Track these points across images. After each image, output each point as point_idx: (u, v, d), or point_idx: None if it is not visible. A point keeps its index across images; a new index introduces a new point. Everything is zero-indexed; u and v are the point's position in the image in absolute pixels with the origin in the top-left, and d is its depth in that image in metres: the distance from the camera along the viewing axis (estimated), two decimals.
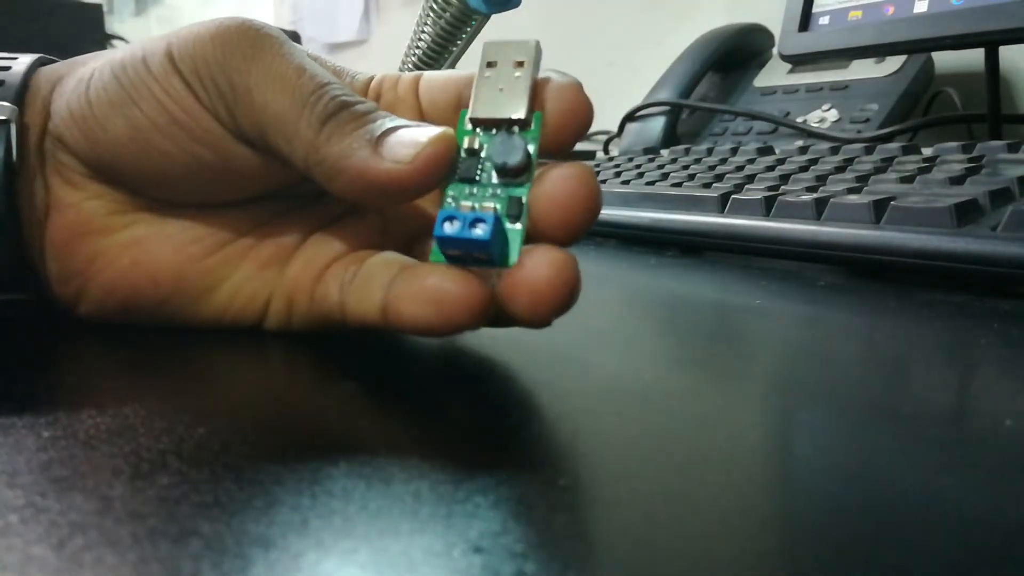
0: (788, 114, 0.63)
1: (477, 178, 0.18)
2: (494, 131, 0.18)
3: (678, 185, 0.46)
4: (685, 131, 0.71)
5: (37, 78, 0.22)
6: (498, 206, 0.18)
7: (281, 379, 0.20)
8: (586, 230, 0.18)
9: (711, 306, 0.30)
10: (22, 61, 0.23)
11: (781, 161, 0.45)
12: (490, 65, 0.19)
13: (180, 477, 0.13)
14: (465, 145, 0.19)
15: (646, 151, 0.61)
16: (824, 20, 0.54)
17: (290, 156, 0.19)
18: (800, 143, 0.49)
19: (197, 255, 0.22)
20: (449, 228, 0.17)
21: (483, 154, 0.18)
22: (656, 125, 0.70)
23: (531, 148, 0.18)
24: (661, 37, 0.84)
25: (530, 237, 0.18)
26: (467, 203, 0.18)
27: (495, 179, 0.18)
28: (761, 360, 0.22)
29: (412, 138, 0.18)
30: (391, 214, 0.23)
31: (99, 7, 1.09)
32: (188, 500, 0.12)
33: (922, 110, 0.60)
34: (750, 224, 0.38)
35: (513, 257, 0.17)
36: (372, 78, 0.22)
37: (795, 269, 0.35)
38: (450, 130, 0.18)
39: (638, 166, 0.54)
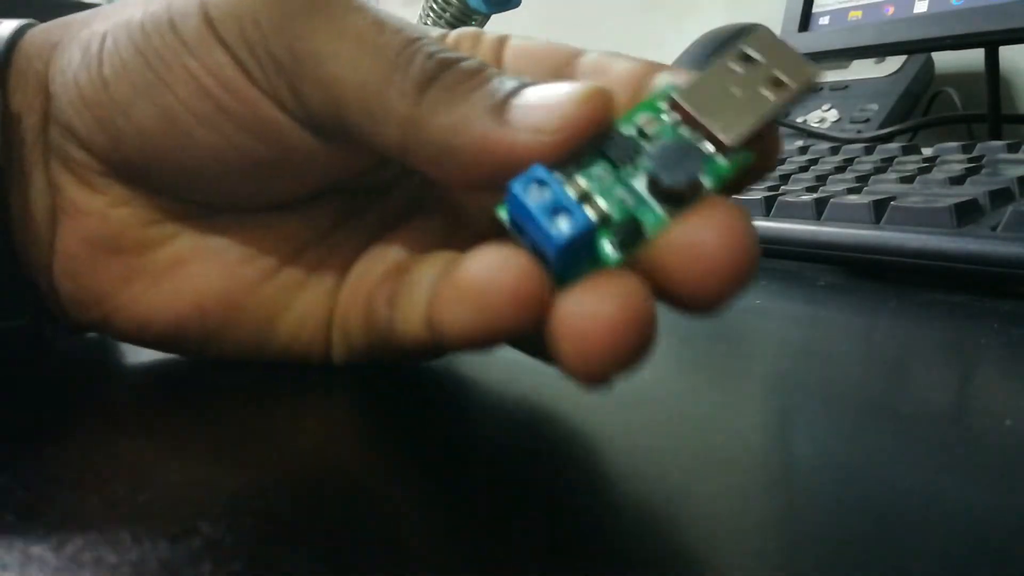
0: (788, 114, 0.63)
1: (618, 166, 0.13)
2: (681, 131, 0.13)
3: None
4: None
5: (24, 48, 0.17)
6: (614, 215, 0.13)
7: (284, 380, 0.20)
8: (727, 302, 0.12)
9: None
10: (6, 25, 0.18)
11: (781, 161, 0.45)
12: (745, 58, 0.13)
13: (180, 477, 0.13)
14: (636, 119, 0.14)
15: None
16: (824, 20, 0.54)
17: (378, 138, 0.15)
18: (800, 143, 0.49)
19: (252, 278, 0.18)
20: (529, 194, 0.12)
21: (648, 147, 0.13)
22: None
23: (705, 181, 0.13)
24: (661, 37, 0.84)
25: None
26: (583, 182, 0.13)
27: (638, 185, 0.13)
28: (761, 360, 0.22)
29: (550, 98, 0.13)
30: (470, 210, 0.18)
31: (99, 7, 1.09)
32: (188, 500, 0.12)
33: (922, 110, 0.60)
34: None
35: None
36: (446, 33, 0.18)
37: (795, 269, 0.35)
38: (602, 87, 0.13)
39: None
